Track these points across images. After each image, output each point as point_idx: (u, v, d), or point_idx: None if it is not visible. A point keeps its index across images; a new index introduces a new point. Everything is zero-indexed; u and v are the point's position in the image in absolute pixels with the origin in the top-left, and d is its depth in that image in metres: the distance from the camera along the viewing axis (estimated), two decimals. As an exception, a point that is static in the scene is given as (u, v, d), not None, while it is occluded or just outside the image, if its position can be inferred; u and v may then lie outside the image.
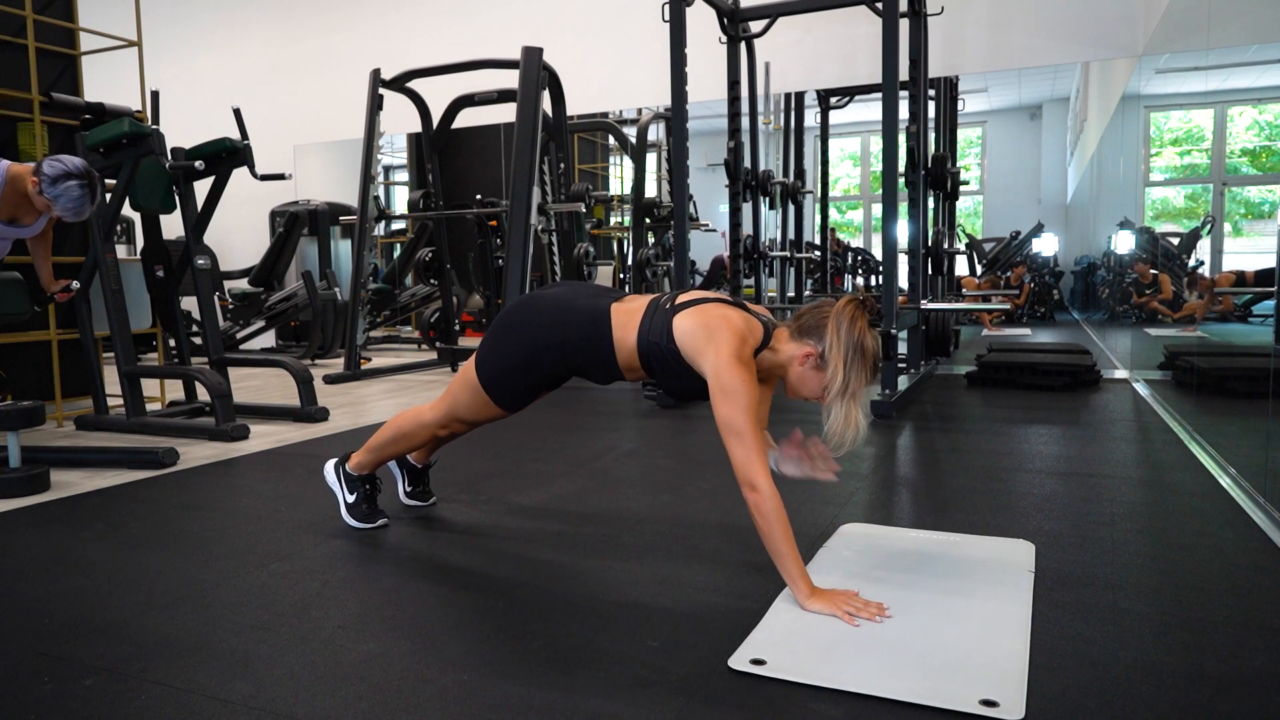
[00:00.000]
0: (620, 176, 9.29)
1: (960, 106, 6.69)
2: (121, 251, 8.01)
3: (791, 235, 7.27)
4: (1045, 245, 9.28)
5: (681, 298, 1.88)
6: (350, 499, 2.32)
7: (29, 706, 1.37)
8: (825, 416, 1.75)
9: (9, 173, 3.07)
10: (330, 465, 2.38)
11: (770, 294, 6.74)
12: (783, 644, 1.52)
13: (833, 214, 8.51)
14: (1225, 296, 4.44)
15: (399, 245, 8.62)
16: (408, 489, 2.51)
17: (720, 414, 1.71)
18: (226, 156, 3.98)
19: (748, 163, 5.58)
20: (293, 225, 7.51)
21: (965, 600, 1.71)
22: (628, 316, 1.91)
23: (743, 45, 5.34)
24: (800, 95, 7.40)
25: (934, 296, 5.50)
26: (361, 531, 2.27)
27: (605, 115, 7.56)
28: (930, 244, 5.21)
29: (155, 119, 4.03)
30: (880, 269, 7.71)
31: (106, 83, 5.45)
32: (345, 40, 7.67)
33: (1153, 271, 5.56)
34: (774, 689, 1.38)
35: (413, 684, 1.41)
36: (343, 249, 8.18)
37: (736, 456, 1.68)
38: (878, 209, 8.78)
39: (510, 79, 5.49)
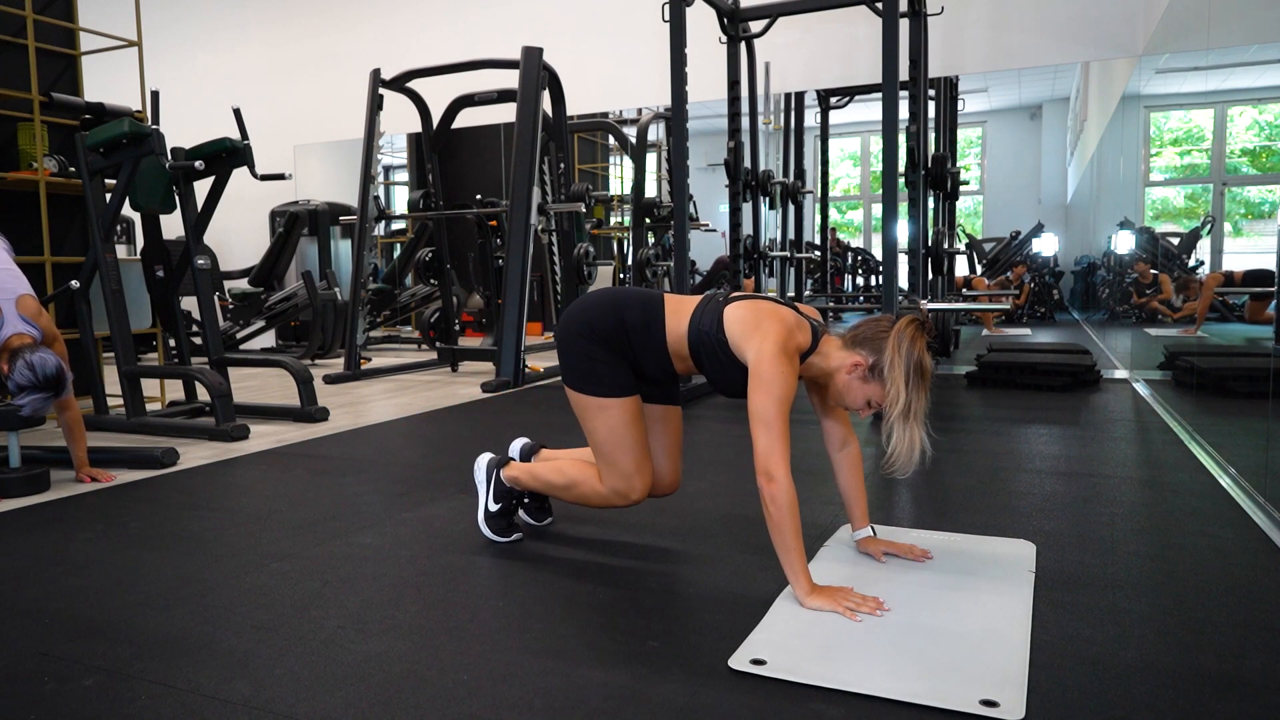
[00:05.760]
0: (620, 176, 9.29)
1: (960, 106, 6.70)
2: (121, 251, 8.01)
3: (791, 235, 7.28)
4: (1045, 245, 9.28)
5: (735, 294, 1.92)
6: (494, 507, 2.20)
7: (29, 706, 1.37)
8: (886, 439, 1.74)
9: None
10: (484, 462, 2.25)
11: (770, 294, 6.73)
12: (783, 644, 1.52)
13: (833, 214, 8.52)
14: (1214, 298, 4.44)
15: (399, 245, 8.63)
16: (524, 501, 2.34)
17: (753, 401, 1.71)
18: (226, 156, 3.97)
19: (748, 163, 5.58)
20: (293, 225, 7.51)
21: (966, 600, 1.71)
22: (681, 304, 1.94)
23: (743, 45, 5.34)
24: (800, 95, 7.40)
25: (934, 296, 5.50)
26: (499, 543, 2.18)
27: (605, 115, 7.57)
28: (930, 244, 5.22)
29: (155, 119, 4.03)
30: (880, 269, 7.72)
31: (106, 83, 5.44)
32: (345, 40, 7.67)
33: (1153, 271, 5.56)
34: (774, 689, 1.38)
35: (413, 684, 1.41)
36: (343, 249, 8.18)
37: (760, 444, 1.68)
38: (878, 209, 8.78)
39: (510, 79, 5.49)
